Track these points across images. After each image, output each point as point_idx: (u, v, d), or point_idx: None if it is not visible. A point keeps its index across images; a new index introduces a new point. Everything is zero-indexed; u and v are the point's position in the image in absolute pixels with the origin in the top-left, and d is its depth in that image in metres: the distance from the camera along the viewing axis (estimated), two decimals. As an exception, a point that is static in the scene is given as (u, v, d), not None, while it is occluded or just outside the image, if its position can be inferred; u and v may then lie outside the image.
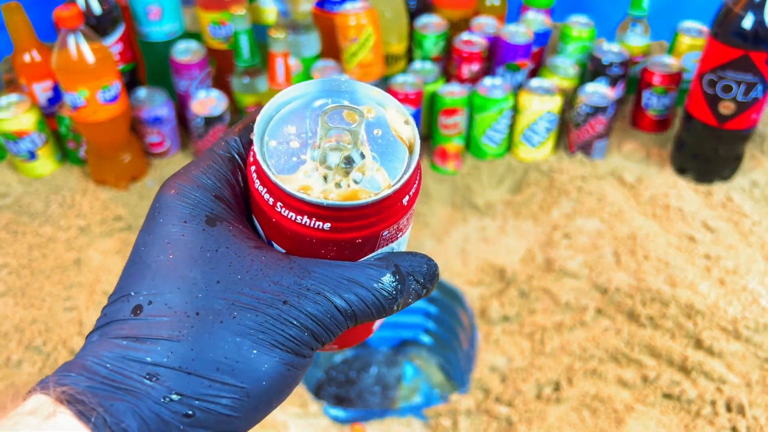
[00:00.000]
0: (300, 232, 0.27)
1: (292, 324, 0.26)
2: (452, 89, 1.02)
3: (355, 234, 0.27)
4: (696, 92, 0.94)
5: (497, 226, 1.03)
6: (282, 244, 0.29)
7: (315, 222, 0.27)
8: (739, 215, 0.96)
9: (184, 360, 0.25)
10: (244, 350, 0.25)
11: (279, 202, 0.27)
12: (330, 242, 0.28)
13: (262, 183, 0.27)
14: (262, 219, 0.29)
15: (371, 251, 0.29)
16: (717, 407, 0.73)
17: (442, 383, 1.06)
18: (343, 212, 0.27)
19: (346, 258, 0.28)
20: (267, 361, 0.26)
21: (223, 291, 0.26)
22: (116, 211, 0.96)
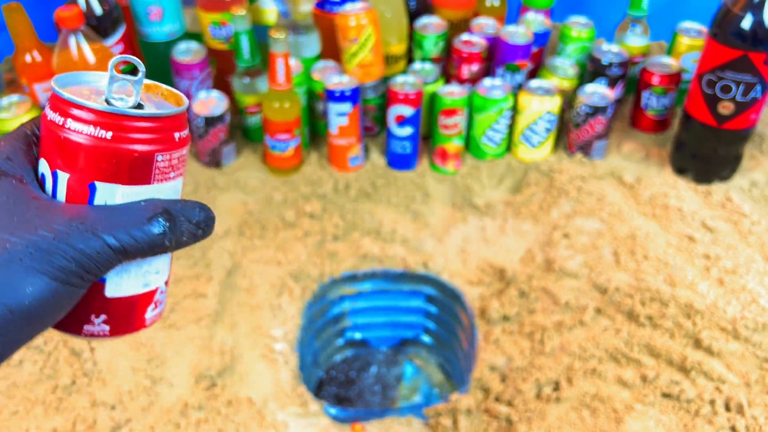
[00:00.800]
0: (85, 146, 0.32)
1: (60, 255, 0.30)
2: (452, 90, 1.03)
3: (133, 147, 0.32)
4: (695, 92, 0.94)
5: (497, 226, 1.03)
6: (68, 167, 0.33)
7: (98, 130, 0.31)
8: (738, 215, 0.96)
9: None
10: (11, 273, 0.29)
11: (69, 119, 0.32)
12: (111, 154, 0.32)
13: (53, 107, 0.33)
14: (51, 147, 0.33)
15: (146, 179, 0.33)
16: (716, 407, 0.73)
17: (442, 383, 1.07)
18: (123, 119, 0.32)
19: (122, 179, 0.33)
20: (32, 284, 0.29)
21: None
22: (117, 212, 0.96)
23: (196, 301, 0.87)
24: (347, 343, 1.10)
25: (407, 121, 1.02)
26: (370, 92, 1.08)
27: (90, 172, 0.32)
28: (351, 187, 1.05)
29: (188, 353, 0.82)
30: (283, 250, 0.98)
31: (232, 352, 0.83)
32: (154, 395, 0.76)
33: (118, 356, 0.79)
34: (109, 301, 0.35)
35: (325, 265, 0.97)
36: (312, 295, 0.95)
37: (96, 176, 0.33)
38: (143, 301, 0.36)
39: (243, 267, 0.94)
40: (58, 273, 0.30)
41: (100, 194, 0.33)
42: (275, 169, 1.06)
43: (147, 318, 0.37)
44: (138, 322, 0.37)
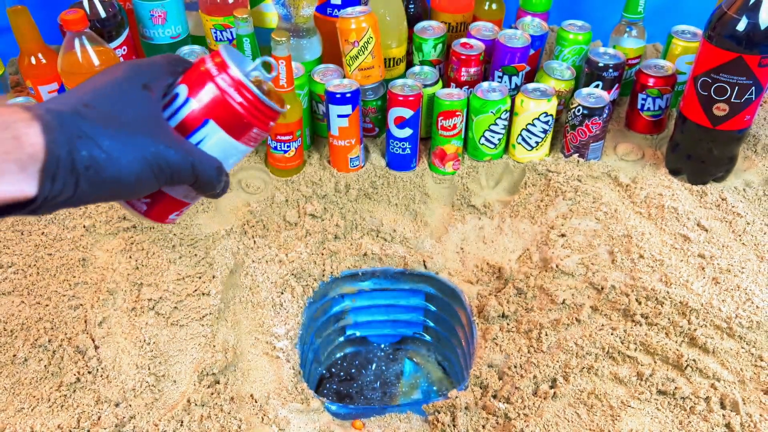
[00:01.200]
0: (223, 98, 0.46)
1: (157, 153, 0.43)
2: (451, 92, 1.04)
3: (250, 116, 0.47)
4: (690, 94, 0.96)
5: (495, 225, 1.05)
6: (200, 101, 0.47)
7: (239, 97, 0.46)
8: (733, 215, 0.97)
9: (100, 119, 0.41)
10: (121, 141, 0.42)
11: (224, 74, 0.46)
12: (234, 112, 0.47)
13: (216, 63, 0.47)
14: (197, 83, 0.47)
15: (238, 137, 0.48)
16: (711, 404, 0.75)
17: (441, 380, 1.08)
18: (257, 101, 0.47)
19: (226, 128, 0.47)
20: (129, 156, 0.42)
21: (132, 115, 0.43)
22: (121, 211, 0.97)
23: (199, 299, 0.88)
24: (348, 340, 1.11)
25: (406, 123, 1.03)
26: (370, 94, 1.09)
27: (213, 112, 0.46)
28: (351, 187, 1.06)
29: (191, 351, 0.83)
30: (284, 249, 0.99)
31: (234, 350, 0.85)
32: (158, 392, 0.78)
33: (122, 354, 0.80)
34: (160, 192, 0.49)
35: (326, 264, 0.99)
36: (313, 294, 0.96)
37: (214, 117, 0.47)
38: (176, 206, 0.51)
39: (245, 266, 0.95)
40: (156, 171, 0.43)
41: (206, 129, 0.47)
42: (277, 169, 1.07)
43: (170, 218, 0.52)
44: (165, 216, 0.51)
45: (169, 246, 0.94)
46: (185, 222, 0.98)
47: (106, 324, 0.83)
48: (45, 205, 0.39)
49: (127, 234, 0.95)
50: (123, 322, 0.84)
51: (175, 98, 0.47)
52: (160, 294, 0.87)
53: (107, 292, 0.86)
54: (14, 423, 0.74)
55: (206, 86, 0.46)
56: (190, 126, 0.47)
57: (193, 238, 0.96)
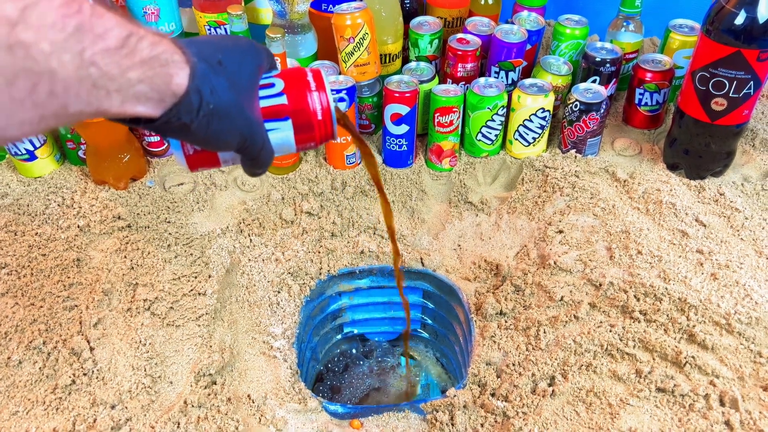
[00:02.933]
0: (310, 108, 0.55)
1: (250, 126, 0.50)
2: (447, 88, 1.03)
3: (317, 129, 0.56)
4: (688, 89, 0.95)
5: (492, 222, 1.04)
6: (291, 99, 0.54)
7: (321, 111, 0.55)
8: (731, 210, 0.97)
9: (228, 79, 0.48)
10: (235, 105, 0.49)
11: (319, 92, 0.55)
12: (309, 120, 0.55)
13: (315, 77, 0.55)
14: (294, 86, 0.55)
15: (299, 143, 0.56)
16: (710, 401, 0.74)
17: (440, 375, 1.08)
18: (330, 118, 0.56)
19: (294, 129, 0.55)
20: (235, 120, 0.49)
21: (246, 85, 0.51)
22: (116, 211, 0.96)
23: (195, 299, 0.88)
24: (345, 338, 1.11)
25: (403, 120, 1.02)
26: (366, 91, 1.09)
27: (295, 114, 0.54)
28: (348, 184, 1.06)
29: (188, 351, 0.83)
30: (281, 247, 0.98)
31: (231, 350, 0.84)
32: (154, 394, 0.77)
33: (118, 355, 0.80)
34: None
35: (323, 262, 0.98)
36: (310, 292, 0.96)
37: (294, 118, 0.54)
38: (213, 164, 0.57)
39: (241, 265, 0.95)
40: (242, 139, 0.50)
41: (282, 123, 0.54)
42: (273, 167, 1.07)
43: (198, 169, 0.58)
44: (197, 167, 0.57)
45: (165, 245, 0.93)
46: (180, 221, 0.97)
47: (101, 325, 0.82)
48: (160, 127, 0.45)
49: (122, 234, 0.94)
50: (118, 323, 0.83)
51: (270, 86, 0.54)
52: (155, 294, 0.86)
53: (102, 292, 0.86)
54: (9, 427, 0.73)
55: (301, 92, 0.54)
56: (273, 114, 0.53)
57: (188, 238, 0.95)
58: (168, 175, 1.05)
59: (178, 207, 0.99)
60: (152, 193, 1.00)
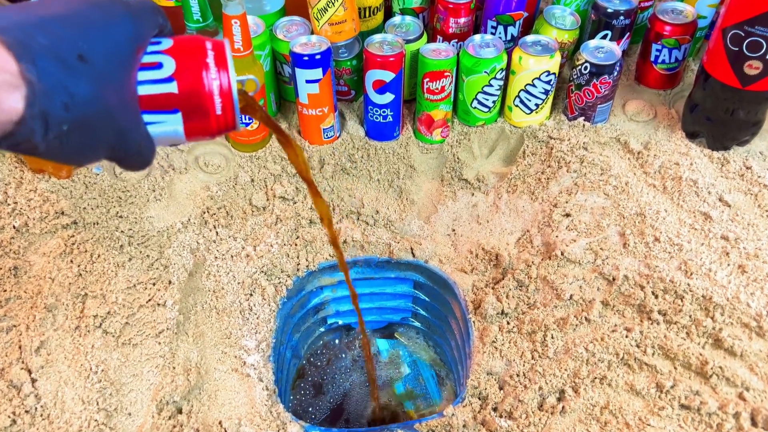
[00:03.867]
0: (203, 84, 0.42)
1: (121, 135, 0.39)
2: (438, 48, 0.89)
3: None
4: (717, 49, 0.82)
5: (490, 203, 0.93)
6: (178, 64, 0.42)
7: (219, 94, 0.42)
8: (759, 187, 0.86)
9: (92, 81, 0.36)
10: (100, 127, 0.37)
11: (217, 69, 0.42)
12: (199, 101, 0.42)
13: (214, 49, 0.43)
14: (185, 49, 0.42)
15: (189, 136, 0.44)
16: (741, 420, 0.66)
17: (434, 360, 0.99)
18: (232, 109, 0.44)
19: (188, 126, 0.43)
20: (98, 141, 0.38)
21: (118, 81, 0.39)
22: (58, 205, 0.83)
23: (153, 311, 0.77)
24: (330, 329, 1.01)
25: (387, 87, 0.89)
26: (343, 53, 0.94)
27: (188, 107, 0.42)
28: (326, 162, 0.93)
29: (147, 375, 0.72)
30: (252, 240, 0.87)
31: (198, 369, 0.74)
32: (110, 431, 0.67)
33: (65, 386, 0.69)
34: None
35: (301, 256, 0.87)
36: (287, 292, 0.85)
37: (185, 112, 0.42)
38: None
39: (207, 265, 0.83)
40: (111, 151, 0.40)
41: (170, 117, 0.42)
42: (239, 144, 0.93)
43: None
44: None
45: (116, 246, 0.81)
46: (134, 215, 0.85)
47: (44, 349, 0.71)
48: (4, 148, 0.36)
49: (67, 233, 0.82)
50: (65, 345, 0.72)
51: (156, 67, 0.41)
52: (107, 308, 0.75)
53: (45, 308, 0.74)
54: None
55: (197, 80, 0.41)
56: (157, 106, 0.41)
57: (144, 235, 0.83)
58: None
59: (131, 197, 0.86)
60: (100, 181, 0.87)
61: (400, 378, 0.99)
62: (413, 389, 0.97)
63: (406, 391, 0.97)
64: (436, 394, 0.96)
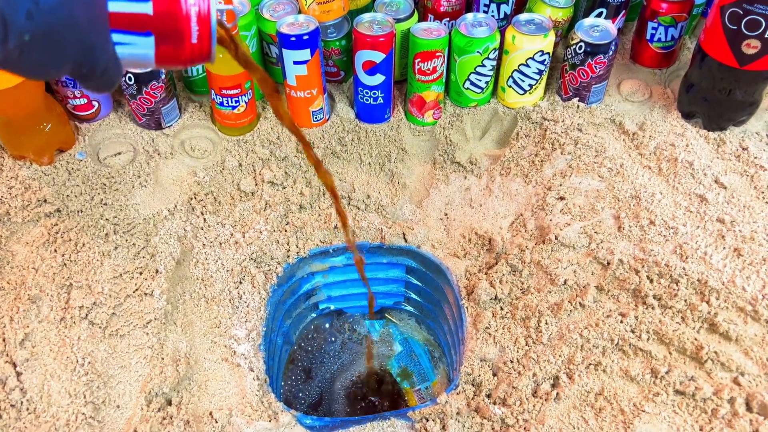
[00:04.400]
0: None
1: (88, 51, 0.37)
2: (429, 27, 0.87)
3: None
4: (714, 27, 0.80)
5: (483, 186, 0.91)
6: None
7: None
8: (755, 168, 0.85)
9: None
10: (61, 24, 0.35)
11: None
12: (177, 35, 0.40)
13: None
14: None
15: (160, 62, 0.41)
16: (736, 405, 0.65)
17: (427, 340, 0.98)
18: (208, 36, 0.41)
19: (160, 50, 0.40)
20: (63, 50, 0.36)
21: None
22: (41, 193, 0.81)
23: (141, 301, 0.75)
24: (321, 315, 1.00)
25: (377, 68, 0.86)
26: (331, 32, 0.91)
27: (161, 31, 0.39)
28: (316, 146, 0.91)
29: (136, 366, 0.71)
30: (241, 226, 0.85)
31: (187, 360, 0.73)
32: (98, 424, 0.66)
33: (52, 379, 0.68)
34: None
35: (291, 242, 0.85)
36: (277, 279, 0.84)
37: (157, 35, 0.40)
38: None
39: (194, 252, 0.82)
40: (77, 68, 0.37)
41: (141, 39, 0.40)
42: (226, 127, 0.91)
43: None
44: None
45: (101, 235, 0.79)
46: (119, 202, 0.83)
47: (29, 342, 0.70)
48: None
49: (50, 221, 0.79)
50: (51, 337, 0.71)
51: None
52: (93, 298, 0.73)
53: (29, 299, 0.72)
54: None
55: (174, 3, 0.39)
56: (129, 25, 0.39)
57: (129, 223, 0.81)
58: (102, 143, 0.89)
59: (115, 184, 0.84)
60: (83, 167, 0.85)
61: (392, 356, 0.98)
62: (407, 366, 0.97)
63: (400, 369, 0.96)
64: (430, 370, 0.96)
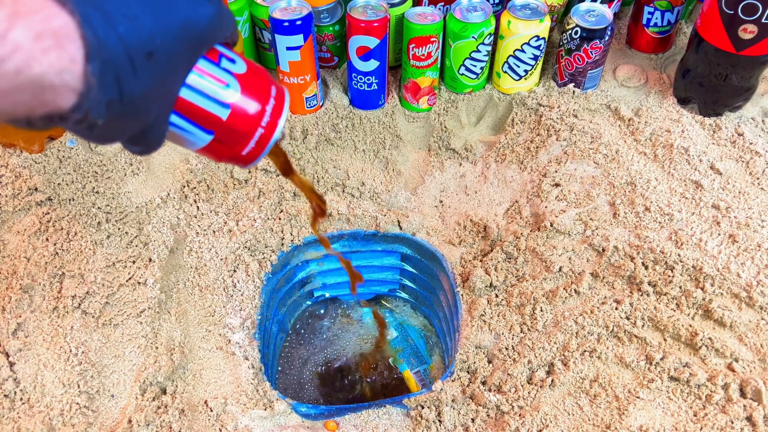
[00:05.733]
0: None
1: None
2: (423, 12, 0.86)
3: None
4: (711, 11, 0.79)
5: (478, 173, 0.91)
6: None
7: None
8: (750, 154, 0.85)
9: (159, 64, 0.34)
10: (163, 85, 0.36)
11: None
12: (234, 145, 0.41)
13: None
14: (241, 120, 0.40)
15: (202, 151, 0.42)
16: (730, 391, 0.66)
17: (423, 325, 0.98)
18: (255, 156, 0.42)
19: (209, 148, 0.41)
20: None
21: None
22: (31, 181, 0.80)
23: (134, 290, 0.74)
24: (317, 302, 1.00)
25: (371, 54, 0.86)
26: (325, 18, 0.90)
27: (222, 132, 0.40)
28: (310, 132, 0.90)
29: (130, 356, 0.71)
30: (234, 214, 0.84)
31: (181, 349, 0.72)
32: (92, 414, 0.66)
33: (45, 369, 0.67)
34: None
35: (285, 230, 0.85)
36: (271, 267, 0.83)
37: (216, 136, 0.40)
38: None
39: (188, 241, 0.81)
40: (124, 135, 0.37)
41: (197, 132, 0.40)
42: (219, 115, 0.90)
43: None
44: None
45: (94, 223, 0.79)
46: (111, 190, 0.82)
47: (21, 331, 0.69)
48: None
49: (41, 210, 0.79)
50: (43, 326, 0.70)
51: (222, 85, 0.39)
52: (86, 287, 0.73)
53: (21, 289, 0.72)
54: None
55: (248, 122, 0.40)
56: (194, 118, 0.39)
57: (122, 211, 0.80)
58: (93, 130, 0.88)
59: (107, 172, 0.83)
60: (74, 155, 0.84)
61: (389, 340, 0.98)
62: (403, 349, 0.97)
63: (397, 353, 0.96)
64: (427, 354, 0.96)
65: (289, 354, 0.96)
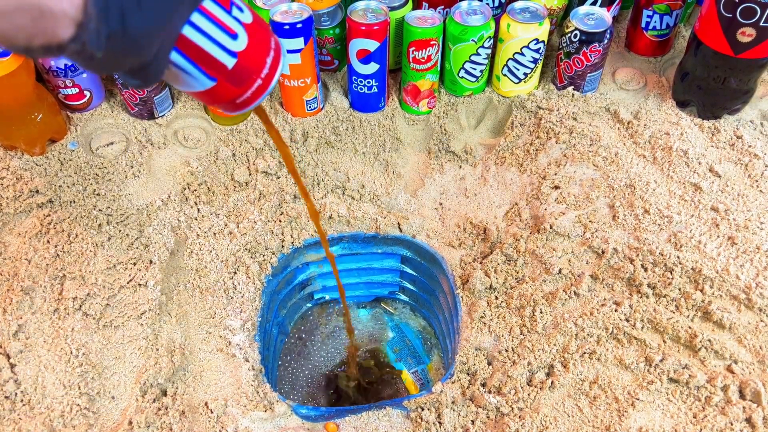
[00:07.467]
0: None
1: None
2: (423, 16, 0.86)
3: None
4: (710, 14, 0.80)
5: (478, 175, 0.91)
6: None
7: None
8: (749, 156, 0.85)
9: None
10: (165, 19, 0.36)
11: None
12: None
13: None
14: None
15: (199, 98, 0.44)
16: (729, 393, 0.66)
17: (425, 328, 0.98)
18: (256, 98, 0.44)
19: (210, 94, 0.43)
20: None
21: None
22: (32, 183, 0.81)
23: (135, 292, 0.75)
24: (317, 304, 1.00)
25: (371, 57, 0.86)
26: (325, 21, 0.91)
27: (225, 79, 0.41)
28: (310, 135, 0.91)
29: (130, 357, 0.71)
30: (235, 216, 0.85)
31: (182, 350, 0.73)
32: (93, 416, 0.66)
33: (46, 371, 0.67)
34: None
35: (285, 232, 0.85)
36: (271, 269, 0.83)
37: (219, 82, 0.41)
38: None
39: (188, 243, 0.81)
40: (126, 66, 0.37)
41: (199, 76, 0.41)
42: (220, 117, 0.90)
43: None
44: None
45: (95, 225, 0.79)
46: (112, 193, 0.82)
47: (22, 333, 0.69)
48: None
49: (42, 212, 0.79)
50: (44, 328, 0.70)
51: (230, 35, 0.39)
52: (87, 289, 0.73)
53: (22, 291, 0.72)
54: None
55: (252, 70, 0.42)
56: (201, 62, 0.39)
57: (122, 213, 0.80)
58: (94, 133, 0.88)
59: (108, 174, 0.84)
60: (75, 158, 0.84)
61: (385, 341, 0.98)
62: (400, 350, 0.97)
63: (394, 354, 0.97)
64: (424, 354, 0.96)
65: (290, 356, 0.97)
